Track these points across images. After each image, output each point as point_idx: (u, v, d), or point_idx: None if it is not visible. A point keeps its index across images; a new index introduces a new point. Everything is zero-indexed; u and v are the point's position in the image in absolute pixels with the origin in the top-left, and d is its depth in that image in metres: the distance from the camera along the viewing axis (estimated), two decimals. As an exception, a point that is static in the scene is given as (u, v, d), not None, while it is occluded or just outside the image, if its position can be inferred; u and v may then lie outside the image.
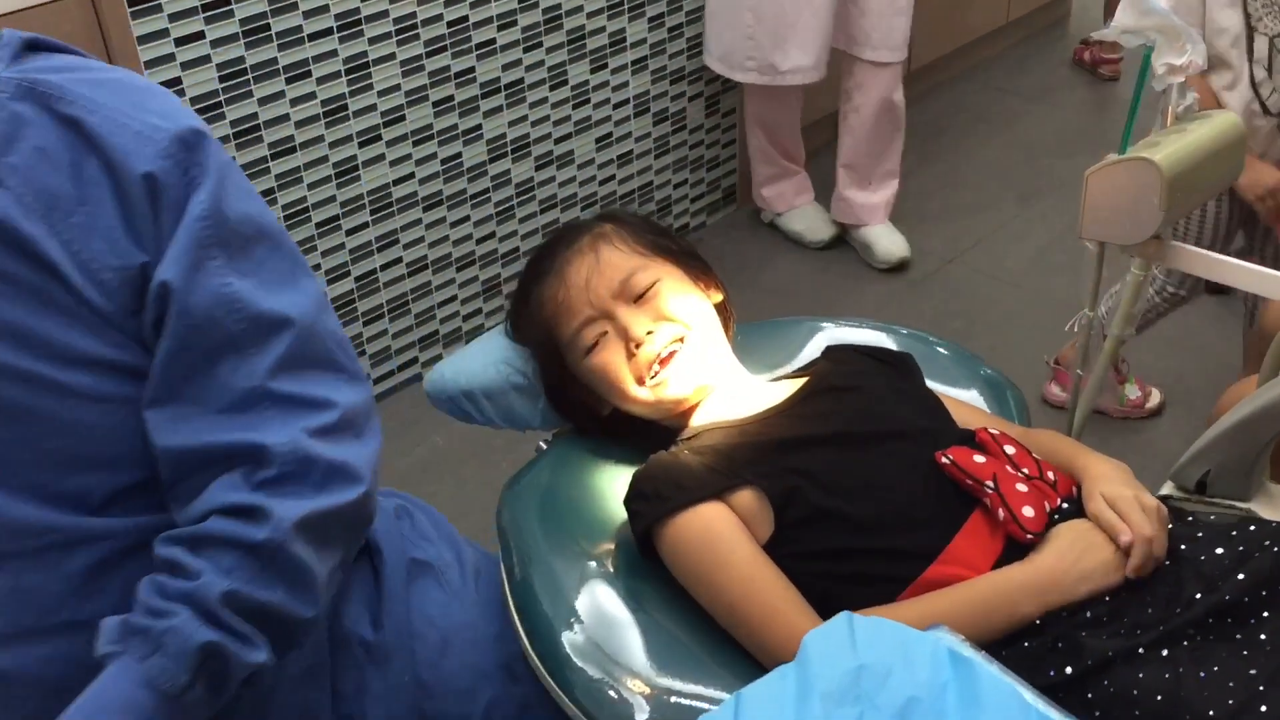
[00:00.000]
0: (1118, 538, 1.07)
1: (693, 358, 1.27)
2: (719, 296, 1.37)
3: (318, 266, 2.38)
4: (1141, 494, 1.11)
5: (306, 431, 0.95)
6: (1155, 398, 2.40)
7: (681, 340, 1.27)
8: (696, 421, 1.29)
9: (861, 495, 1.14)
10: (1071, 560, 1.07)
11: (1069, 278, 2.84)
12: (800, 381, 1.31)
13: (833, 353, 1.38)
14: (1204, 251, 1.46)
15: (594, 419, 1.35)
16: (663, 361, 1.26)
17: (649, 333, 1.25)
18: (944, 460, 1.15)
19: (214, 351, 0.94)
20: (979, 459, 1.14)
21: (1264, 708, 0.93)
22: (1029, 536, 1.09)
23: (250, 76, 2.15)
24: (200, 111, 2.10)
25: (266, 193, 2.24)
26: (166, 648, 0.90)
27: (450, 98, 2.44)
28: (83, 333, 0.93)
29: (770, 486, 1.15)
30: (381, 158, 2.39)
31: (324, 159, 2.31)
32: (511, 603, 1.21)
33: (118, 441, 0.96)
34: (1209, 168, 1.39)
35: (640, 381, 1.26)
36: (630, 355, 1.26)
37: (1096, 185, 1.39)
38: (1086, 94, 3.81)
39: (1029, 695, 0.66)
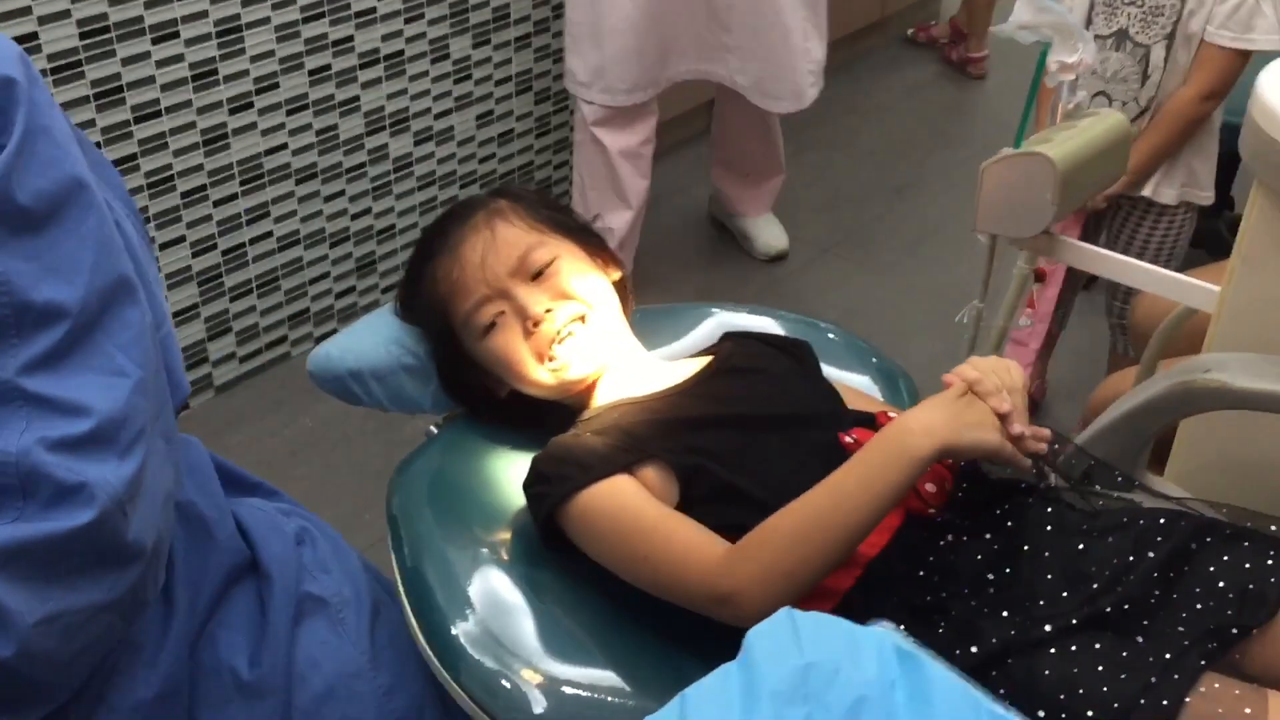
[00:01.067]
0: (949, 384, 1.09)
1: (593, 336, 1.24)
2: (618, 274, 1.34)
3: (182, 238, 2.27)
4: (975, 358, 1.13)
5: (44, 442, 0.81)
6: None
7: (582, 319, 1.24)
8: (598, 401, 1.27)
9: (764, 475, 1.14)
10: (955, 409, 1.07)
11: (942, 271, 2.90)
12: (702, 362, 1.29)
13: (732, 337, 1.36)
14: (1088, 246, 1.49)
15: (490, 402, 1.31)
16: (562, 340, 1.22)
17: (548, 311, 1.22)
18: (847, 440, 1.15)
19: None
20: None
21: (1164, 699, 0.95)
22: (930, 510, 1.09)
23: (114, 35, 2.02)
24: (57, 71, 1.97)
25: (128, 159, 2.12)
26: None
27: (327, 66, 2.36)
28: None
29: (676, 461, 1.13)
30: (253, 126, 2.29)
31: (191, 125, 2.20)
32: (403, 591, 1.16)
33: None
34: (1098, 165, 1.42)
35: (540, 360, 1.23)
36: (528, 334, 1.22)
37: (991, 179, 1.41)
38: (956, 91, 3.90)
39: (977, 692, 0.65)
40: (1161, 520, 1.10)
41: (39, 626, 0.82)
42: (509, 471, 1.27)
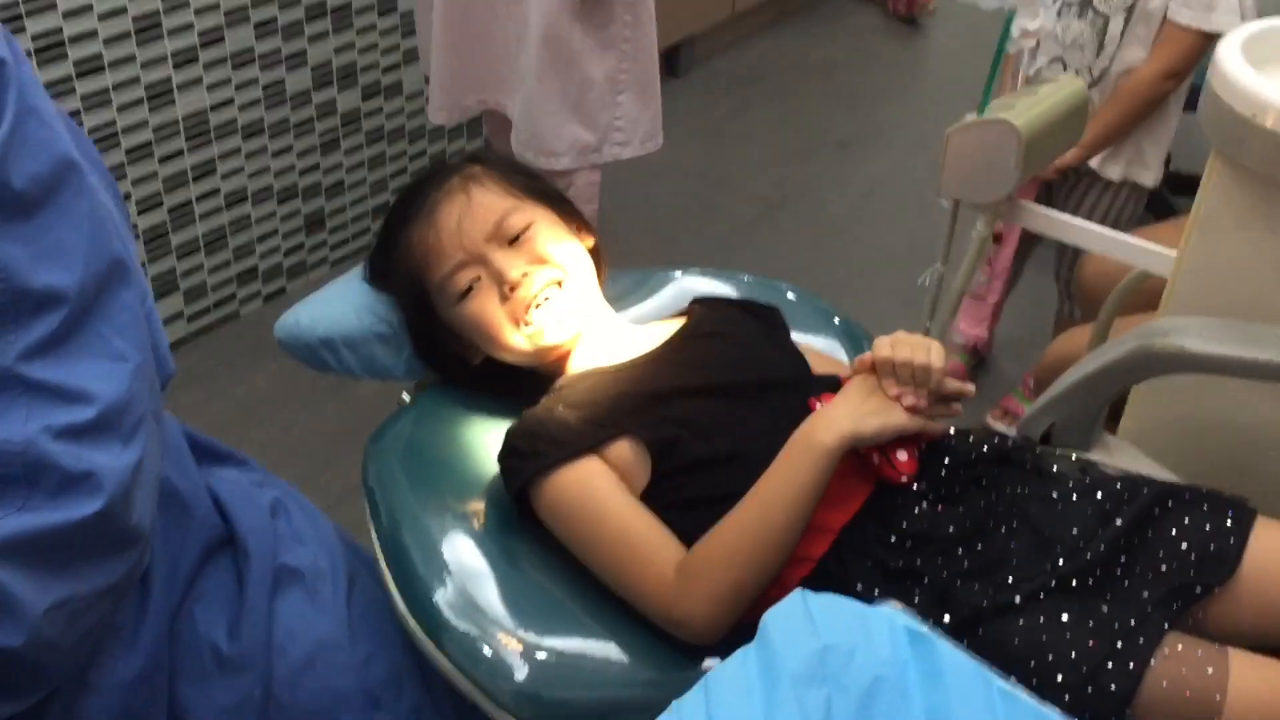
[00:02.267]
0: (861, 365, 1.14)
1: (569, 301, 1.24)
2: (591, 241, 1.34)
3: (128, 196, 2.22)
4: (899, 334, 1.15)
5: (49, 430, 0.80)
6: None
7: (558, 284, 1.24)
8: (572, 368, 1.27)
9: (737, 443, 1.15)
10: (858, 400, 1.12)
11: (889, 226, 2.93)
12: (673, 327, 1.30)
13: (703, 301, 1.37)
14: (1047, 211, 1.52)
15: (464, 369, 1.31)
16: (539, 305, 1.22)
17: (524, 275, 1.22)
18: (818, 406, 1.17)
19: None
20: None
21: (1130, 661, 0.98)
22: (904, 479, 1.12)
23: (54, -14, 1.97)
24: (-4, 22, 1.91)
25: (70, 115, 2.06)
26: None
27: (273, 19, 2.30)
28: None
29: (649, 435, 1.15)
30: (198, 81, 2.24)
31: (135, 80, 2.14)
32: (383, 561, 1.17)
33: None
34: (1058, 132, 1.45)
35: (516, 325, 1.23)
36: (505, 299, 1.22)
37: (956, 145, 1.43)
38: (899, 46, 3.92)
39: (986, 671, 0.68)
40: (1124, 487, 1.14)
41: (48, 614, 0.81)
42: (484, 439, 1.27)
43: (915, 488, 1.12)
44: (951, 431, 1.19)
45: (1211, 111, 1.25)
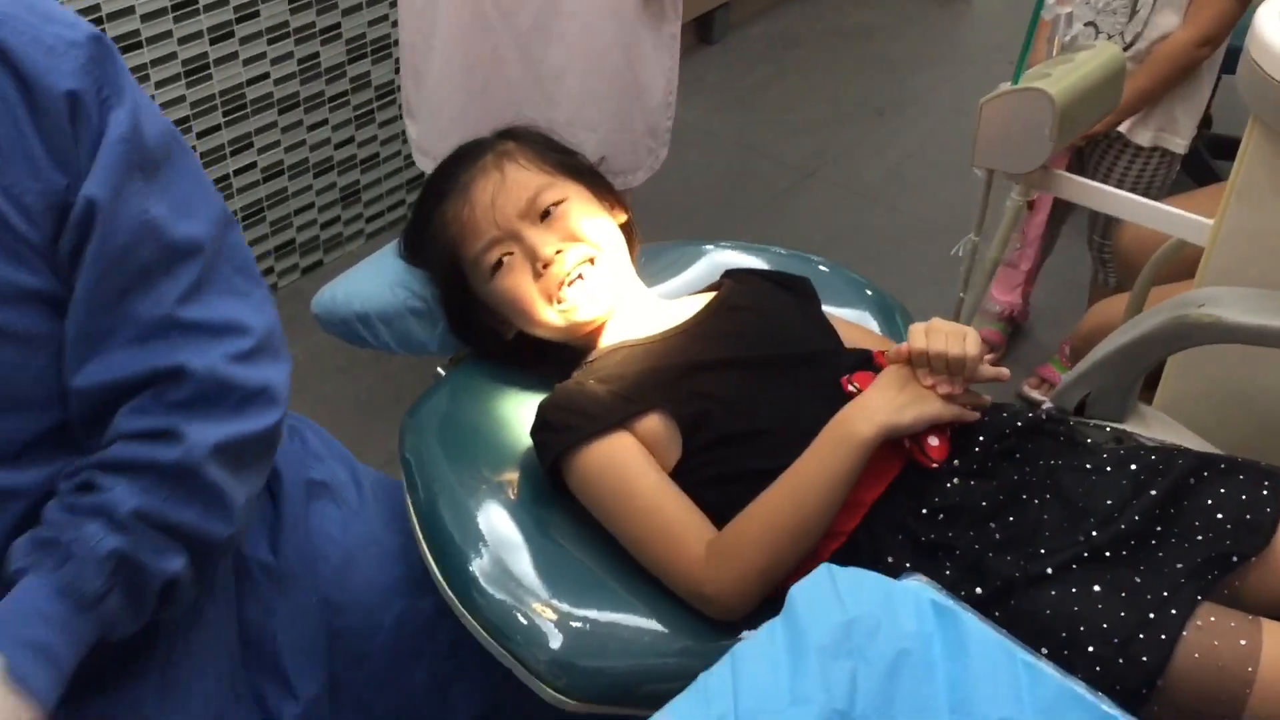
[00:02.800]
0: (897, 355, 1.14)
1: (601, 278, 1.25)
2: (624, 217, 1.35)
3: (167, 171, 2.24)
4: (934, 322, 1.15)
5: (225, 357, 0.92)
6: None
7: (591, 261, 1.25)
8: (603, 343, 1.28)
9: (768, 418, 1.16)
10: (894, 391, 1.13)
11: (925, 194, 2.91)
12: (704, 300, 1.31)
13: (733, 274, 1.38)
14: (1083, 180, 1.51)
15: (498, 343, 1.32)
16: (571, 282, 1.23)
17: (558, 252, 1.23)
18: (850, 389, 1.17)
19: (129, 283, 0.89)
20: None
21: (1162, 632, 0.98)
22: (935, 465, 1.12)
23: (91, -36, 1.98)
24: (36, 1, 1.93)
25: (110, 91, 2.09)
26: (77, 556, 0.87)
27: (307, -7, 2.32)
28: (5, 262, 0.86)
29: (679, 410, 1.15)
30: (234, 56, 2.25)
31: (173, 56, 2.16)
32: (419, 532, 1.19)
33: (37, 383, 0.90)
34: (1095, 99, 1.43)
35: (549, 301, 1.24)
36: (538, 276, 1.23)
37: (990, 114, 1.41)
38: (937, 10, 3.87)
39: (1011, 643, 0.68)
40: (1159, 457, 1.13)
41: (242, 510, 0.95)
42: (518, 412, 1.28)
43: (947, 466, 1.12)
44: (989, 401, 1.19)
45: (1249, 78, 1.23)
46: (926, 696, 0.63)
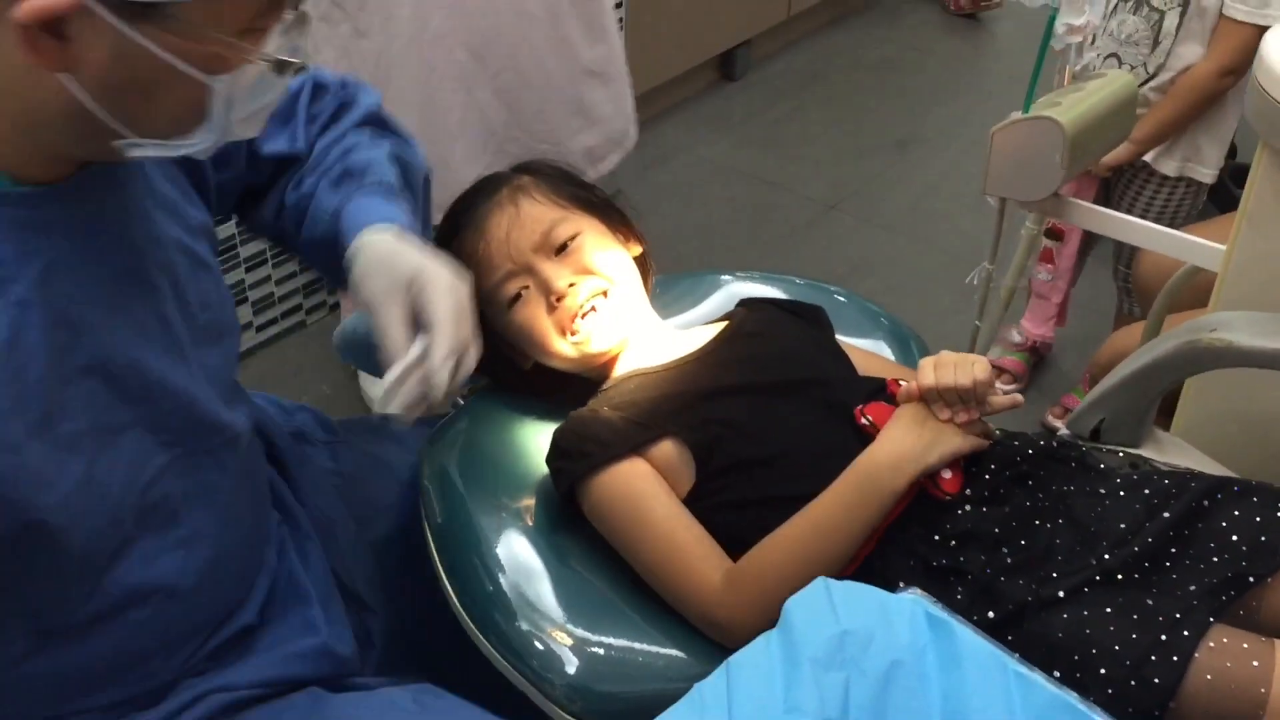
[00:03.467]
0: (909, 395, 1.14)
1: (614, 311, 1.27)
2: (639, 249, 1.37)
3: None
4: (941, 355, 1.15)
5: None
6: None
7: (604, 294, 1.27)
8: (617, 372, 1.30)
9: (780, 444, 1.17)
10: (916, 433, 1.13)
11: (946, 225, 2.92)
12: (716, 329, 1.32)
13: (747, 303, 1.39)
14: (1095, 208, 1.52)
15: (516, 373, 1.34)
16: (584, 315, 1.25)
17: (570, 285, 1.25)
18: (863, 421, 1.18)
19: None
20: None
21: (1174, 654, 0.98)
22: (948, 497, 1.12)
23: None
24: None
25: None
26: (371, 164, 1.11)
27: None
28: (189, 204, 0.99)
29: (692, 437, 1.17)
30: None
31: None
32: (437, 557, 1.20)
33: (224, 305, 1.05)
34: (1106, 127, 1.45)
35: (563, 334, 1.26)
36: (551, 309, 1.25)
37: (1001, 143, 1.43)
38: (959, 42, 3.90)
39: (1004, 655, 0.69)
40: (1172, 481, 1.14)
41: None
42: (535, 440, 1.30)
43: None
44: (997, 434, 1.20)
45: (1258, 104, 1.24)
46: (919, 707, 0.64)
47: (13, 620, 0.91)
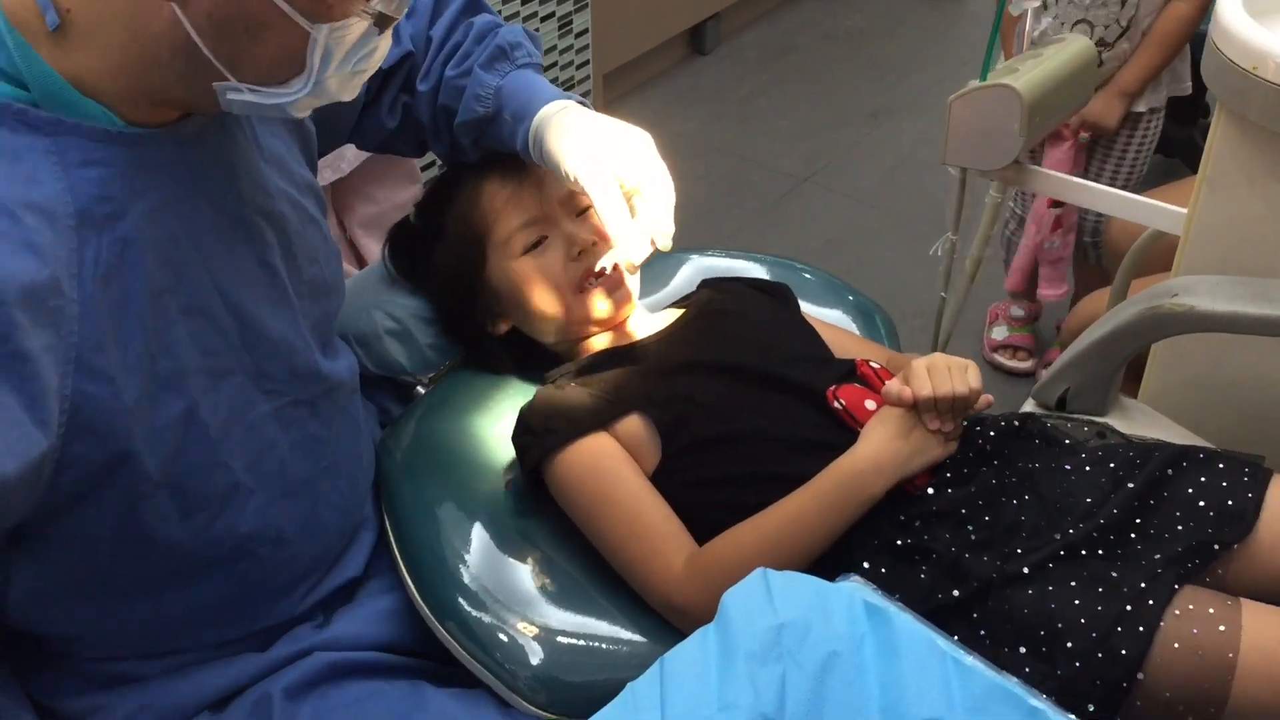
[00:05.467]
0: (901, 401, 1.10)
1: (626, 283, 1.27)
2: None
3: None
4: (935, 359, 1.13)
5: None
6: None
7: (616, 266, 1.26)
8: (587, 350, 1.29)
9: (748, 423, 1.16)
10: (901, 440, 1.10)
11: (920, 195, 2.91)
12: (681, 310, 1.31)
13: (711, 283, 1.38)
14: (1057, 174, 1.50)
15: (485, 337, 1.32)
16: (599, 276, 1.25)
17: (594, 244, 1.24)
18: (836, 405, 1.17)
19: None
20: (870, 405, 1.17)
21: (1140, 624, 0.98)
22: (917, 493, 1.11)
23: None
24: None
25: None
26: (518, 44, 1.23)
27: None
28: (298, 164, 1.02)
29: (659, 414, 1.16)
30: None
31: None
32: (397, 549, 1.19)
33: (337, 270, 1.08)
34: (1065, 92, 1.43)
35: (575, 289, 1.25)
36: (572, 260, 1.24)
37: (959, 112, 1.41)
38: (930, 11, 3.87)
39: (942, 642, 0.68)
40: (1136, 453, 1.13)
41: None
42: (497, 426, 1.29)
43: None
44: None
45: (1213, 65, 1.23)
46: (856, 698, 0.63)
47: (124, 561, 0.94)
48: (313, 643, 1.09)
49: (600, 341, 1.29)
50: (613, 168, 1.13)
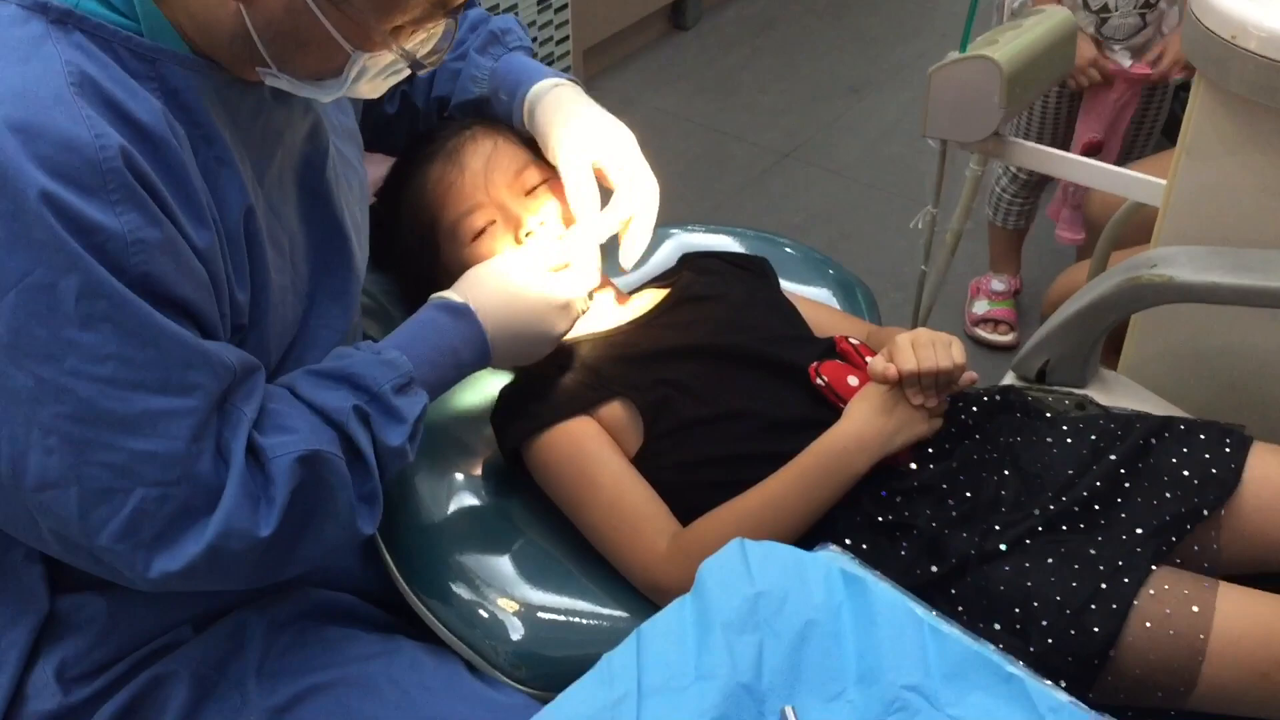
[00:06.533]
0: (885, 377, 1.10)
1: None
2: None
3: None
4: (919, 334, 1.13)
5: None
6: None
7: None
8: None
9: (730, 404, 1.15)
10: (884, 417, 1.10)
11: (902, 169, 2.90)
12: (662, 292, 1.30)
13: (691, 260, 1.37)
14: (1037, 146, 1.50)
15: None
16: None
17: (542, 224, 1.23)
18: (818, 381, 1.16)
19: None
20: (852, 380, 1.16)
21: (1113, 602, 0.98)
22: (899, 468, 1.11)
23: None
24: None
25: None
26: (510, 29, 1.32)
27: None
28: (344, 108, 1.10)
29: (641, 398, 1.15)
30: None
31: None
32: (377, 530, 1.18)
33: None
34: (1044, 64, 1.43)
35: None
36: (518, 243, 1.23)
37: (939, 84, 1.41)
38: (912, -17, 3.86)
39: (919, 610, 0.68)
40: (1117, 425, 1.13)
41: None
42: (474, 405, 1.28)
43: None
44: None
45: (1192, 34, 1.22)
46: (834, 666, 0.63)
47: None
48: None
49: (578, 327, 1.28)
50: (592, 154, 1.19)
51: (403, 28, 0.90)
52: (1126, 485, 1.09)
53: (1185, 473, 1.08)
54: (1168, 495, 1.07)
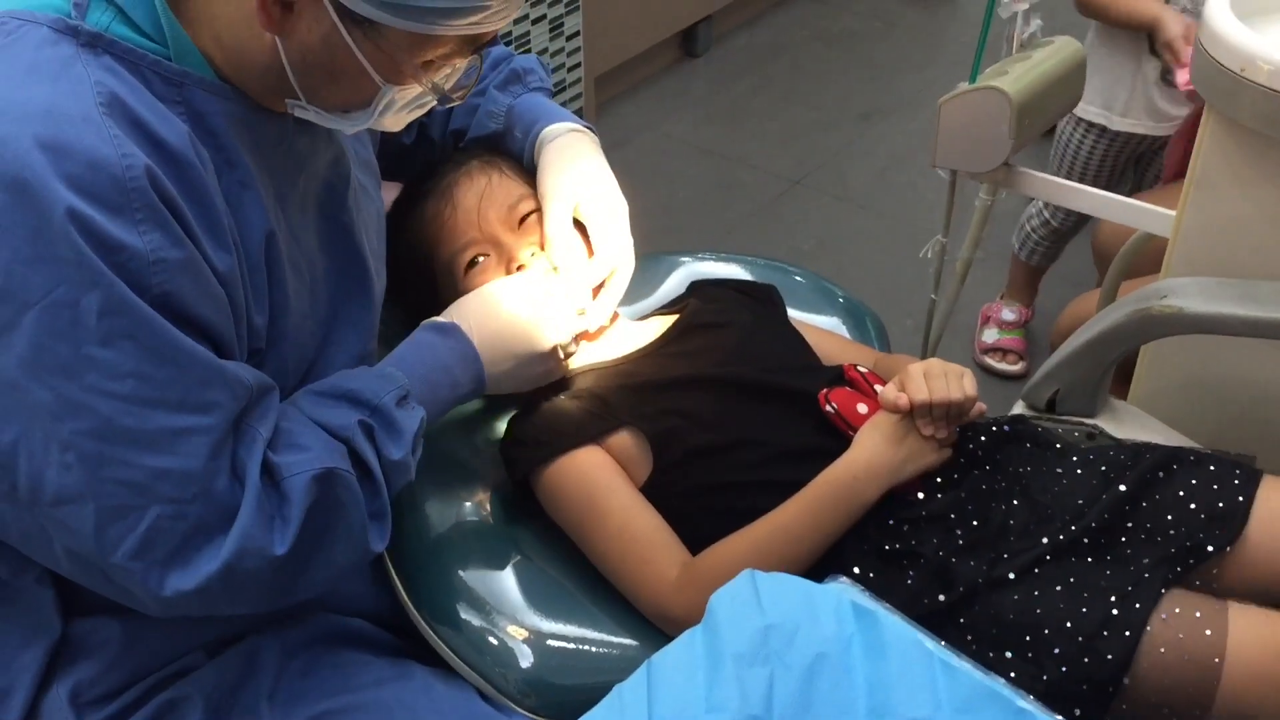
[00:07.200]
0: (897, 406, 1.10)
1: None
2: None
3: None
4: (931, 365, 1.13)
5: None
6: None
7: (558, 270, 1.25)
8: (572, 363, 1.28)
9: (738, 432, 1.16)
10: (895, 446, 1.11)
11: (912, 197, 2.91)
12: (670, 320, 1.31)
13: (699, 289, 1.38)
14: (1045, 176, 1.51)
15: None
16: None
17: (533, 256, 1.24)
18: (828, 408, 1.17)
19: None
20: (862, 408, 1.17)
21: (1126, 628, 0.98)
22: (907, 497, 1.11)
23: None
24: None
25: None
26: (532, 69, 1.34)
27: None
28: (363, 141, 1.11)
29: (650, 428, 1.15)
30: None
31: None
32: (386, 553, 1.19)
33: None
34: (1054, 95, 1.43)
35: None
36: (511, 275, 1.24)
37: (949, 114, 1.42)
38: (922, 12, 3.88)
39: (930, 643, 0.68)
40: (1127, 455, 1.13)
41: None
42: (487, 432, 1.29)
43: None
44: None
45: (1202, 66, 1.23)
46: (844, 699, 0.63)
47: None
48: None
49: (583, 356, 1.28)
50: (576, 200, 1.23)
51: (433, 62, 0.92)
52: (1134, 517, 1.09)
53: (1192, 506, 1.08)
54: (1171, 531, 1.07)
